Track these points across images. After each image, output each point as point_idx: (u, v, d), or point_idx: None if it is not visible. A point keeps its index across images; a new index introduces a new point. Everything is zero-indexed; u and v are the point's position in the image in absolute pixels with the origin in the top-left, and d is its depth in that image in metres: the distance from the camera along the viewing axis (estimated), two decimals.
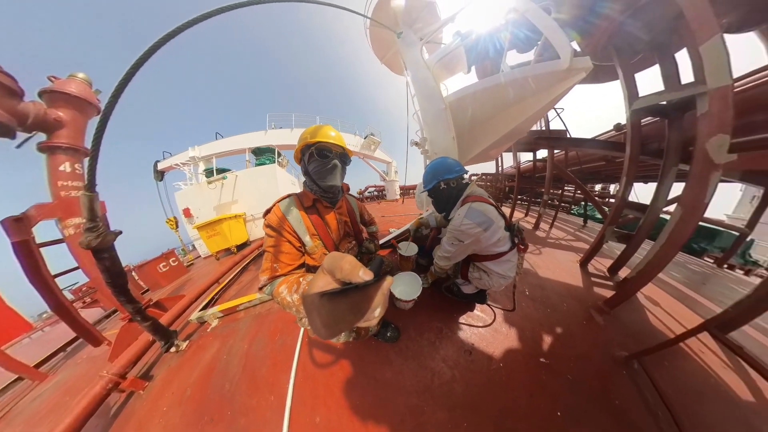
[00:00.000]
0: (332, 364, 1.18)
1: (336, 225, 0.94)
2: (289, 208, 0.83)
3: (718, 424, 0.94)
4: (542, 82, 1.83)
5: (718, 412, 0.99)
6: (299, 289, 0.58)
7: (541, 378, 1.07)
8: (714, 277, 2.64)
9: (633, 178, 1.86)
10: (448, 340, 1.26)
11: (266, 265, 0.74)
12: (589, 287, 1.84)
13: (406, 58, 3.08)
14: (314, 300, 0.28)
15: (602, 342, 1.28)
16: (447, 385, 1.04)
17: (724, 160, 1.12)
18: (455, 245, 1.13)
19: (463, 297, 1.46)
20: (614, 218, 1.98)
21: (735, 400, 1.04)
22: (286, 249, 0.77)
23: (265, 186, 5.93)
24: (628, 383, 1.06)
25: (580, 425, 0.91)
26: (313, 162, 0.83)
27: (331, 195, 0.92)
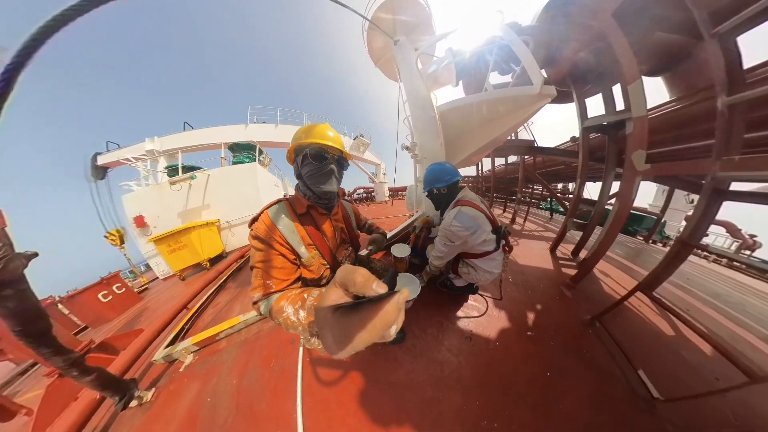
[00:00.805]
0: (341, 379, 1.12)
1: (332, 233, 0.87)
2: (279, 216, 0.74)
3: (654, 355, 1.32)
4: (517, 103, 2.19)
5: (653, 346, 1.38)
6: (305, 306, 0.50)
7: (531, 348, 1.30)
8: (644, 251, 3.37)
9: (585, 179, 2.35)
10: (449, 331, 1.37)
11: (257, 283, 0.65)
12: (558, 268, 2.26)
13: (401, 66, 3.24)
14: (327, 315, 0.26)
15: (572, 311, 1.62)
16: (456, 371, 1.14)
17: (643, 168, 1.54)
18: (447, 246, 1.27)
19: (456, 290, 1.60)
20: (573, 211, 2.47)
21: (662, 337, 1.45)
22: (279, 263, 0.68)
23: (243, 188, 5.10)
24: (593, 338, 1.38)
25: (564, 378, 1.15)
26: (308, 165, 0.74)
27: (327, 201, 0.84)
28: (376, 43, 4.00)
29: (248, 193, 5.09)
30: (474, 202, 1.24)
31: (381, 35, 3.50)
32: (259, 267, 0.66)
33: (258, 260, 0.67)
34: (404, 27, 3.62)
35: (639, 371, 1.13)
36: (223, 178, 5.07)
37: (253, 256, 0.68)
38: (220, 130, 6.43)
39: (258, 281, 0.65)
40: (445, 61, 2.89)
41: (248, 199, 5.03)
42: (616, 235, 1.79)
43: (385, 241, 1.13)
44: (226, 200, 4.95)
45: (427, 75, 3.16)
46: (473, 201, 1.25)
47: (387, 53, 3.97)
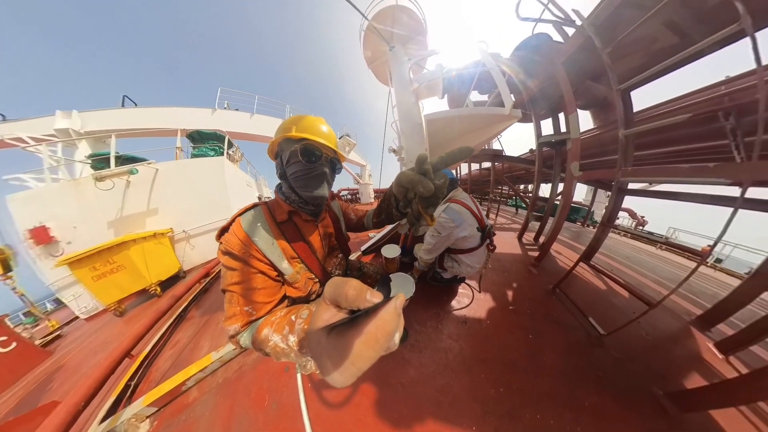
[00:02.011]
0: (353, 395, 1.06)
1: (320, 242, 0.75)
2: (255, 225, 0.61)
3: (596, 304, 1.80)
4: (491, 119, 2.70)
5: (595, 298, 1.90)
6: (294, 330, 0.42)
7: (514, 319, 1.55)
8: (582, 232, 4.46)
9: (540, 181, 3.01)
10: (447, 320, 1.50)
11: (233, 310, 0.54)
12: (525, 252, 2.83)
13: (394, 72, 3.46)
14: (321, 339, 0.22)
15: (538, 284, 2.03)
16: (459, 355, 1.24)
17: (577, 174, 2.12)
18: (435, 237, 1.38)
19: (445, 282, 1.75)
20: (532, 206, 3.13)
21: (599, 291, 2.01)
22: (260, 283, 0.57)
23: (206, 187, 4.05)
24: (556, 302, 1.76)
25: (542, 338, 1.41)
26: (296, 164, 0.62)
27: (314, 207, 0.72)
28: (372, 46, 4.12)
29: (213, 195, 4.09)
30: (464, 201, 1.39)
31: (378, 39, 3.64)
32: (235, 291, 0.54)
33: (232, 282, 0.55)
34: (401, 36, 3.86)
35: (589, 318, 1.54)
36: (179, 174, 3.87)
37: (225, 276, 0.56)
38: (176, 112, 5.13)
39: (234, 308, 0.54)
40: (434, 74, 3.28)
41: (213, 202, 4.09)
42: (563, 223, 2.40)
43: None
44: (183, 203, 3.83)
45: (416, 84, 3.44)
46: (463, 200, 1.40)
47: (381, 57, 4.13)
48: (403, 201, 0.49)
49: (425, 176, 0.40)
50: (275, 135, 0.66)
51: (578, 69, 2.01)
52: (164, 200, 3.75)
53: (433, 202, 0.44)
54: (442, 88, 3.57)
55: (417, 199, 0.45)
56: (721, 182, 1.08)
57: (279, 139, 0.64)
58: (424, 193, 0.39)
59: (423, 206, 0.45)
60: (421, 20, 3.86)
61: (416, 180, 0.40)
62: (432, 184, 0.39)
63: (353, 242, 1.08)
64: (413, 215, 0.48)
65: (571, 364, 1.25)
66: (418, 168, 0.40)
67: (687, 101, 1.79)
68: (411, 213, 0.48)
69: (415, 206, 0.46)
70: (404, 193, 0.47)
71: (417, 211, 0.47)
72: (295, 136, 0.62)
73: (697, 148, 1.99)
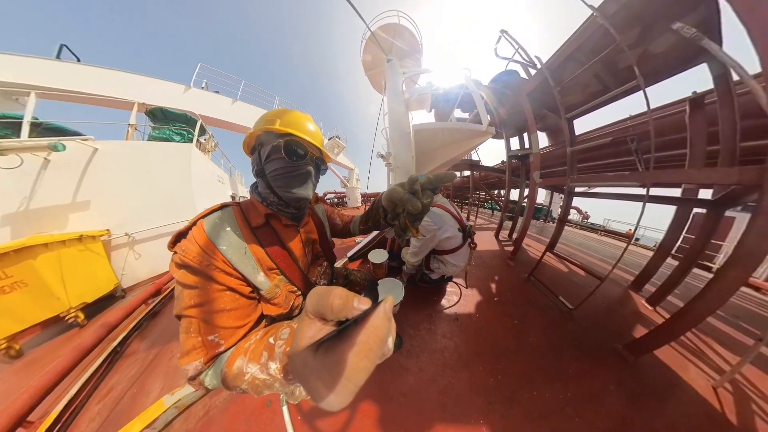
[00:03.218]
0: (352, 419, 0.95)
1: (302, 250, 0.68)
2: (222, 230, 0.51)
3: (562, 284, 2.20)
4: (470, 134, 3.16)
5: (563, 282, 2.31)
6: (274, 354, 0.34)
7: (500, 309, 1.69)
8: (545, 227, 5.40)
9: (510, 187, 3.60)
10: (439, 320, 1.52)
11: (191, 343, 0.43)
12: (502, 248, 3.31)
13: (388, 82, 3.65)
14: (307, 359, 0.20)
15: (515, 274, 2.34)
16: (455, 352, 1.26)
17: (538, 181, 2.66)
18: (420, 240, 1.43)
19: (434, 283, 1.81)
20: (505, 208, 3.68)
21: (563, 273, 2.48)
22: (228, 303, 0.47)
23: (165, 178, 3.21)
24: (531, 287, 2.03)
25: (525, 321, 1.56)
26: (277, 161, 0.56)
27: (295, 210, 0.65)
28: (371, 55, 4.35)
29: (174, 189, 3.22)
30: (444, 205, 1.50)
31: (377, 49, 3.86)
32: (193, 315, 0.43)
33: (189, 304, 0.44)
34: (399, 51, 4.12)
35: (559, 297, 1.83)
36: (129, 158, 2.97)
37: (181, 298, 0.44)
38: (136, 81, 4.09)
39: (193, 340, 0.43)
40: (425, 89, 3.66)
41: (173, 199, 3.24)
42: (530, 221, 2.91)
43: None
44: (131, 197, 2.95)
45: (408, 96, 3.66)
46: (443, 204, 1.51)
47: (378, 66, 4.33)
48: (391, 213, 0.52)
49: (414, 195, 0.43)
50: (255, 126, 0.59)
51: (538, 100, 2.57)
52: (101, 191, 2.75)
53: (419, 217, 0.46)
54: (430, 103, 3.96)
55: (405, 213, 0.47)
56: (633, 184, 1.57)
57: (259, 131, 0.57)
58: (412, 211, 0.43)
59: (410, 221, 0.48)
60: (418, 41, 4.25)
61: (406, 199, 0.43)
62: (420, 203, 0.42)
63: (339, 248, 1.06)
64: (400, 227, 0.50)
65: (551, 339, 1.41)
66: (408, 187, 0.43)
67: (608, 130, 2.46)
68: (398, 225, 0.50)
69: (403, 220, 0.49)
70: (393, 207, 0.50)
71: (404, 224, 0.49)
72: (279, 129, 0.56)
73: (617, 162, 2.69)
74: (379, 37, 3.95)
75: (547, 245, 2.32)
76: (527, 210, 2.78)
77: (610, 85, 2.04)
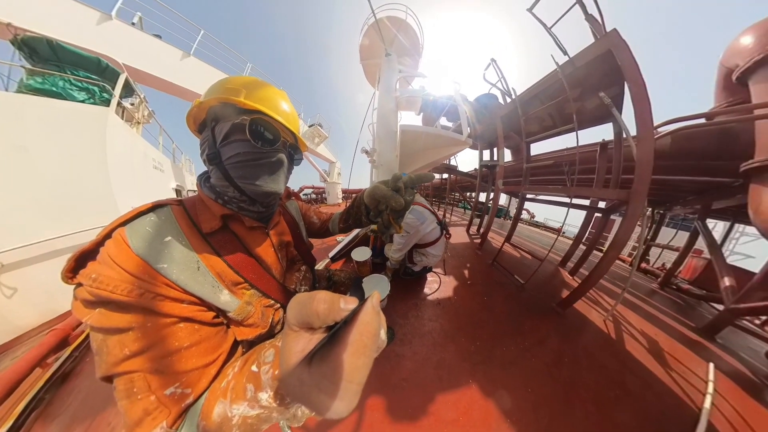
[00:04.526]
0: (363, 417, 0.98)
1: (275, 255, 0.57)
2: (158, 242, 0.38)
3: (516, 266, 2.82)
4: (451, 142, 3.65)
5: (517, 265, 2.93)
6: (261, 383, 0.28)
7: (473, 290, 2.01)
8: (504, 224, 6.41)
9: (480, 191, 4.34)
10: (424, 307, 1.71)
11: (142, 407, 0.31)
12: (472, 241, 3.97)
13: (383, 77, 3.69)
14: (304, 376, 0.19)
15: (482, 261, 2.82)
16: (441, 332, 1.46)
17: (501, 187, 3.34)
18: (403, 237, 1.57)
19: (417, 274, 1.99)
20: (474, 208, 4.41)
21: (517, 258, 3.16)
22: (184, 338, 0.35)
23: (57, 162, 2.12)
24: (495, 271, 2.50)
25: (492, 296, 1.93)
26: (239, 144, 0.44)
27: (263, 209, 0.54)
28: (370, 44, 4.26)
29: (75, 179, 2.17)
30: (422, 203, 1.68)
31: (377, 39, 3.81)
32: (135, 369, 0.31)
33: (124, 355, 0.31)
34: (399, 48, 4.13)
35: (514, 276, 2.34)
36: None
37: (107, 350, 0.31)
38: None
39: (142, 404, 0.31)
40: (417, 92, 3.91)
41: (75, 195, 2.19)
42: (493, 218, 3.64)
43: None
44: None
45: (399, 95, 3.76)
46: (422, 202, 1.68)
47: (375, 58, 4.26)
48: (374, 211, 0.51)
49: (398, 193, 0.43)
50: (208, 94, 0.45)
51: (507, 123, 3.23)
52: None
53: (402, 213, 0.47)
54: (420, 106, 4.26)
55: (388, 210, 0.47)
56: (563, 195, 2.28)
57: (214, 100, 0.44)
58: (396, 208, 0.44)
59: (393, 217, 0.48)
60: (419, 43, 4.34)
61: (389, 196, 0.44)
62: (404, 200, 0.43)
63: (319, 249, 1.08)
64: (383, 224, 0.50)
65: (511, 307, 1.83)
66: (392, 185, 0.44)
67: (552, 155, 3.29)
68: (381, 222, 0.50)
69: (386, 217, 0.48)
70: (376, 204, 0.49)
71: (387, 221, 0.48)
72: (244, 104, 0.43)
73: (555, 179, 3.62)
74: (383, 27, 3.82)
75: (505, 237, 3.02)
76: (492, 210, 3.45)
77: (558, 123, 2.78)
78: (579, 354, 1.47)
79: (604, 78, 1.92)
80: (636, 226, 1.62)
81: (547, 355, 1.40)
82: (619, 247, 1.69)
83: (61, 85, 2.54)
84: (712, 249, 2.49)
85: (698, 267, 3.71)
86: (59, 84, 2.53)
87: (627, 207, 1.59)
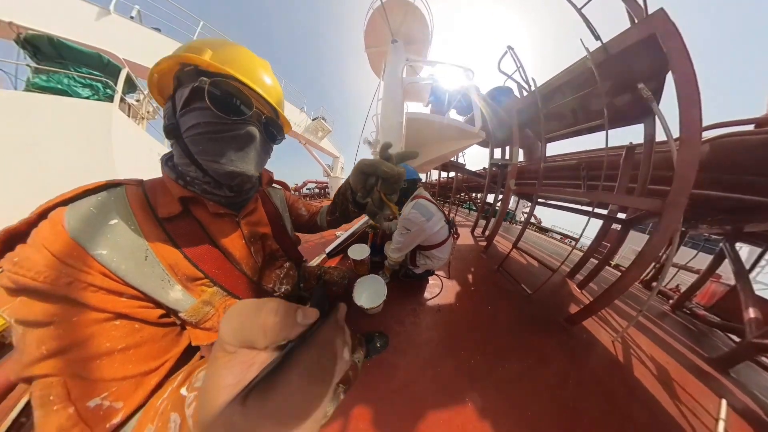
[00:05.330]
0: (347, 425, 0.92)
1: (245, 248, 0.50)
2: (100, 225, 0.32)
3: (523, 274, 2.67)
4: (463, 134, 3.45)
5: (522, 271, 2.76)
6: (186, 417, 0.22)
7: (476, 297, 1.87)
8: (509, 228, 6.28)
9: (488, 192, 4.13)
10: (423, 313, 1.60)
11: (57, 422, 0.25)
12: (476, 243, 3.79)
13: (389, 65, 3.50)
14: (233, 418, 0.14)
15: (487, 265, 2.64)
16: (440, 342, 1.35)
17: (514, 188, 3.15)
18: (404, 234, 1.37)
19: (418, 277, 1.84)
20: (481, 209, 4.22)
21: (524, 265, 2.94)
22: (118, 338, 0.30)
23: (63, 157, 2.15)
24: (500, 277, 2.30)
25: (496, 305, 1.79)
26: (199, 113, 0.36)
27: (231, 193, 0.46)
28: (375, 31, 4.01)
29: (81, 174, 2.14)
30: (428, 197, 1.49)
31: (383, 25, 3.57)
32: (52, 372, 0.26)
33: (41, 354, 0.26)
34: (406, 34, 3.90)
35: (521, 284, 2.13)
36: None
37: (24, 348, 0.26)
38: None
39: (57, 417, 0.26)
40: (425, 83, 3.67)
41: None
42: (501, 222, 3.46)
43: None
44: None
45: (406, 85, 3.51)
46: (427, 197, 1.51)
47: (381, 46, 4.08)
48: (362, 191, 0.44)
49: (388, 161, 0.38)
50: (168, 57, 0.37)
51: (523, 119, 2.98)
52: None
53: (394, 188, 0.40)
54: (428, 98, 4.00)
55: (379, 185, 0.40)
56: (583, 200, 2.08)
57: (173, 62, 0.36)
58: (387, 173, 0.37)
59: (385, 193, 0.41)
60: (429, 30, 4.07)
61: (378, 162, 0.37)
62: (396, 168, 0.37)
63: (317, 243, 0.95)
64: (375, 204, 0.43)
65: (515, 319, 1.66)
66: (381, 154, 0.40)
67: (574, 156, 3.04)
68: (371, 203, 0.43)
69: (377, 194, 0.42)
70: (364, 180, 0.42)
71: (378, 199, 0.42)
72: (208, 64, 0.35)
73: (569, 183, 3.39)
74: (390, 11, 3.61)
75: (513, 242, 2.84)
76: (500, 212, 3.27)
77: (581, 120, 2.53)
78: (585, 377, 1.35)
79: (642, 70, 1.68)
80: None
81: (551, 376, 1.30)
82: (643, 266, 1.51)
83: (66, 82, 2.60)
84: (739, 276, 2.27)
85: (717, 293, 3.48)
86: (64, 81, 2.60)
87: (660, 220, 1.40)
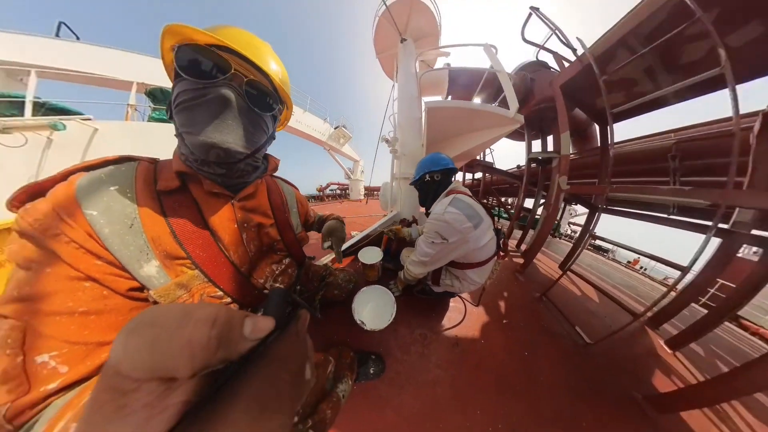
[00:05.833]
0: None
1: (236, 232, 0.47)
2: (102, 188, 0.34)
3: (580, 314, 1.86)
4: (494, 120, 2.72)
5: (577, 308, 1.97)
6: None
7: (509, 334, 1.44)
8: (552, 242, 4.78)
9: (525, 195, 3.31)
10: (435, 343, 1.26)
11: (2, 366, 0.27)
12: (510, 259, 3.02)
13: (401, 64, 3.41)
14: None
15: (526, 291, 2.06)
16: (451, 387, 1.04)
17: (565, 188, 2.36)
18: (436, 244, 0.92)
19: (435, 295, 1.41)
20: (516, 216, 3.39)
21: (579, 299, 2.14)
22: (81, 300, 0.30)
23: None
24: (544, 310, 1.77)
25: (536, 351, 1.32)
26: (179, 84, 0.38)
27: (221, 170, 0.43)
28: (384, 35, 4.12)
29: None
30: (468, 193, 1.03)
31: (390, 29, 3.60)
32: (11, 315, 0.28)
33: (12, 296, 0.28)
34: (414, 31, 3.88)
35: (576, 327, 1.58)
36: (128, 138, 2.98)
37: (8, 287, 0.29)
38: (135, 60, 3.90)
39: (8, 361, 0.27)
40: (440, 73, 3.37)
41: None
42: (547, 233, 2.59)
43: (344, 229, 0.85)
44: None
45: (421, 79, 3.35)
46: (467, 192, 1.05)
47: (391, 49, 4.12)
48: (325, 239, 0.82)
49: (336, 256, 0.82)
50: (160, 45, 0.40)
51: (571, 95, 2.27)
52: None
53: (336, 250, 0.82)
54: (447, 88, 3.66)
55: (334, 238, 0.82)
56: (699, 203, 1.26)
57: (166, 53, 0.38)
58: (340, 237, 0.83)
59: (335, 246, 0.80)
60: (436, 21, 3.99)
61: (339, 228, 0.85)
62: None
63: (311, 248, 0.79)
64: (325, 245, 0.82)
65: (564, 377, 1.20)
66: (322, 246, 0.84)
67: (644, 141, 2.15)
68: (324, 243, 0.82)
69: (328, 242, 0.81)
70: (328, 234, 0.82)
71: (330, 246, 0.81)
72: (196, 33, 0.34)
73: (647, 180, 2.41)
74: (395, 13, 3.69)
75: (561, 263, 2.04)
76: (546, 220, 2.47)
77: (663, 83, 1.74)
78: None
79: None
80: None
81: None
82: None
83: None
84: None
85: None
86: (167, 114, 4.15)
87: None
